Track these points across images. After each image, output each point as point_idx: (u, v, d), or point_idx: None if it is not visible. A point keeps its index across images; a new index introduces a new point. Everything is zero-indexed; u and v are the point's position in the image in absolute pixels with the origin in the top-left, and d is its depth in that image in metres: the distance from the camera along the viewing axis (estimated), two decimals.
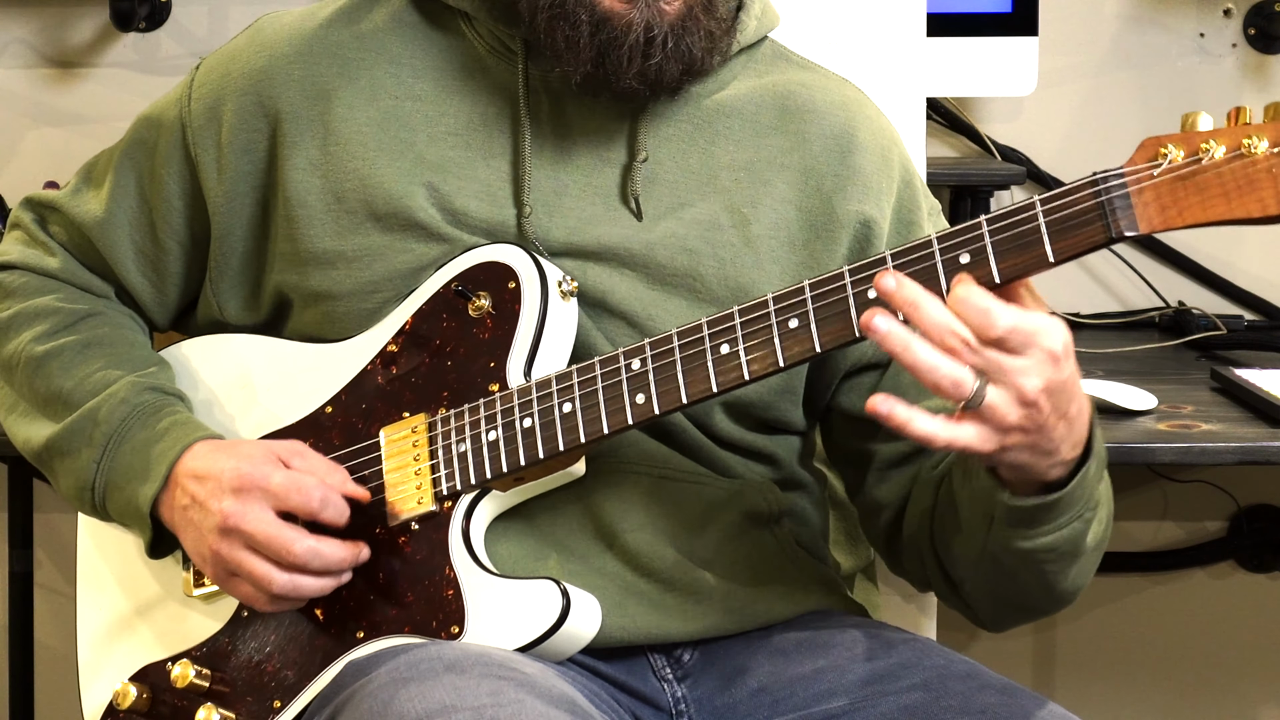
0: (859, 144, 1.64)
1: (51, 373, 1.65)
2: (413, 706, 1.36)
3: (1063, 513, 1.46)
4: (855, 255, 1.62)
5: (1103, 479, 1.50)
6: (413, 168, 1.59)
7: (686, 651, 1.59)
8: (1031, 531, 1.47)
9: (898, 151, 1.68)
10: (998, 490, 1.46)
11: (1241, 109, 1.34)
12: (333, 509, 1.52)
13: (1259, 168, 1.32)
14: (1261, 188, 1.32)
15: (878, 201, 1.64)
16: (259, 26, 1.69)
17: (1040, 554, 1.48)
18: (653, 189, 1.61)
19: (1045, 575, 1.51)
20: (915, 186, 1.69)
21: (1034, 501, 1.45)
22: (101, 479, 1.61)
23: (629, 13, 1.53)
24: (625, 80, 1.55)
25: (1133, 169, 1.36)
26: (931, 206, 1.70)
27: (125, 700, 1.61)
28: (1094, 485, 1.47)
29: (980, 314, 1.34)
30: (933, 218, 1.69)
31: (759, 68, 1.68)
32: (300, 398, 1.63)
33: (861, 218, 1.62)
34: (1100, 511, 1.51)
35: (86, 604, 1.70)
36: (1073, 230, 1.36)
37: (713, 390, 1.45)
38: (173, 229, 1.69)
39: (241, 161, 1.64)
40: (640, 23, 1.53)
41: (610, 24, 1.53)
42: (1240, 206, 1.33)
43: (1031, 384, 1.35)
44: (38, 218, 1.75)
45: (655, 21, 1.53)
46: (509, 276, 1.56)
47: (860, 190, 1.63)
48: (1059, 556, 1.50)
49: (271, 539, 1.50)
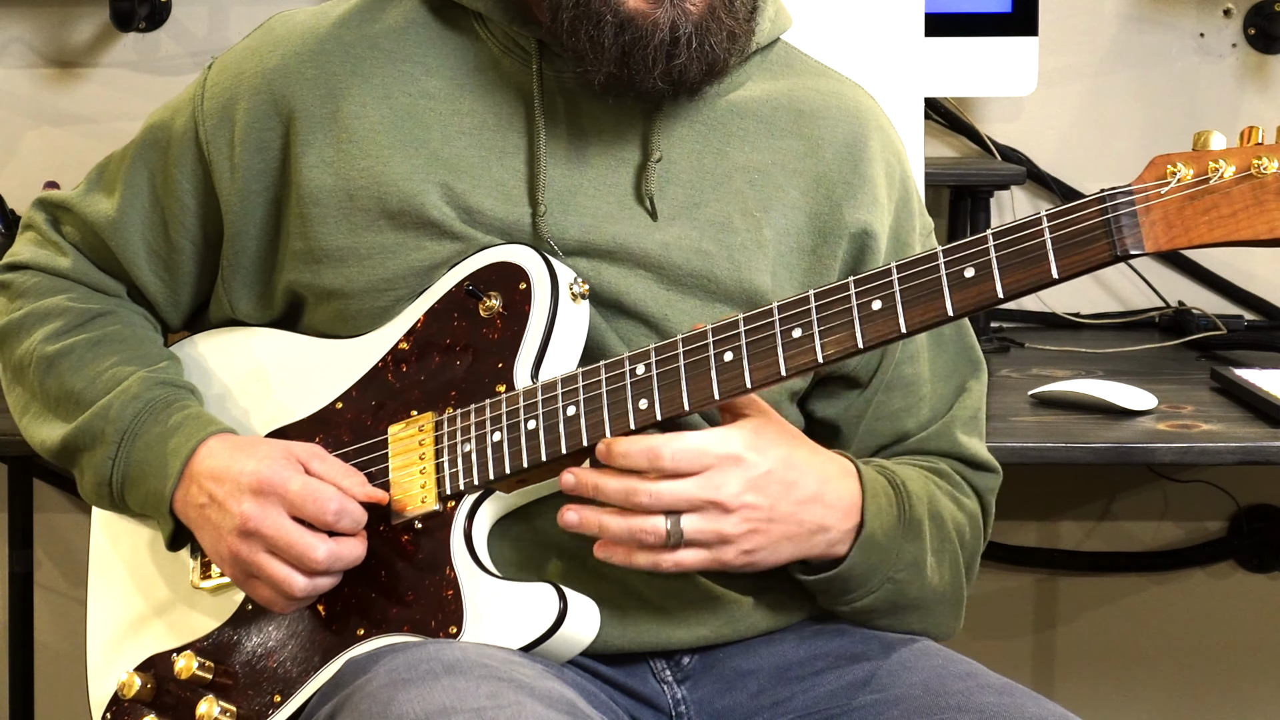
0: (870, 154, 1.65)
1: (63, 372, 1.65)
2: (411, 708, 1.36)
3: (865, 580, 1.55)
4: (851, 263, 1.63)
5: (920, 537, 1.57)
6: (427, 166, 1.60)
7: (687, 655, 1.59)
8: (843, 598, 1.57)
9: (901, 167, 1.69)
10: (789, 568, 1.54)
11: (1254, 129, 1.33)
12: (348, 519, 1.52)
13: (1269, 189, 1.31)
14: (1270, 210, 1.30)
15: (881, 215, 1.64)
16: (270, 26, 1.69)
17: (861, 614, 1.59)
18: (667, 189, 1.61)
19: (885, 628, 1.61)
20: (912, 204, 1.69)
21: (820, 577, 1.55)
22: (118, 474, 1.61)
23: (654, 12, 1.53)
24: (649, 81, 1.54)
25: (1141, 186, 1.35)
26: (925, 226, 1.70)
27: (130, 690, 1.62)
28: (897, 549, 1.55)
29: (644, 453, 1.45)
30: (924, 238, 1.69)
31: (773, 69, 1.68)
32: (312, 393, 1.63)
33: (864, 227, 1.62)
34: (933, 564, 1.59)
35: (97, 595, 1.71)
36: (1078, 247, 1.35)
37: (714, 397, 1.46)
38: (185, 228, 1.69)
39: (255, 160, 1.65)
40: (666, 22, 1.53)
41: (635, 24, 1.53)
42: (1248, 228, 1.31)
43: (728, 491, 1.45)
44: (50, 218, 1.75)
45: (680, 21, 1.53)
46: (520, 277, 1.56)
47: (869, 200, 1.63)
48: (883, 614, 1.59)
49: (293, 544, 1.51)
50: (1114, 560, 2.72)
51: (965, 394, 1.68)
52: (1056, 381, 2.19)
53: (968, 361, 1.69)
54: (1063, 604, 2.76)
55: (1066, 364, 2.39)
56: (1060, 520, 2.74)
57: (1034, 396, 2.16)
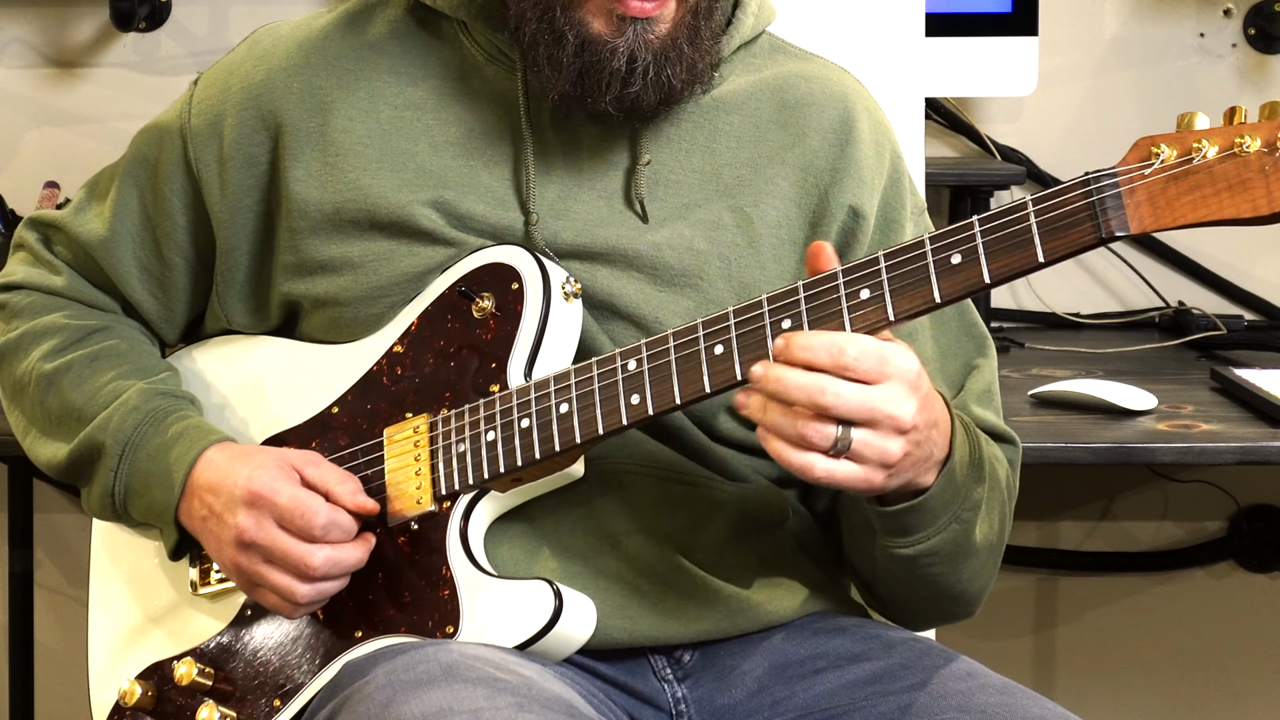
0: (857, 136, 1.65)
1: (64, 388, 1.65)
2: (409, 710, 1.36)
3: (936, 516, 1.48)
4: (841, 244, 1.62)
5: (983, 480, 1.52)
6: (415, 179, 1.60)
7: (687, 652, 1.59)
8: (908, 540, 1.49)
9: (891, 146, 1.68)
10: (866, 502, 1.48)
11: (1237, 109, 1.33)
12: (337, 531, 1.52)
13: (1251, 168, 1.30)
14: (1253, 188, 1.30)
15: (870, 194, 1.64)
16: (256, 39, 1.69)
17: (923, 559, 1.51)
18: (657, 190, 1.61)
19: (935, 580, 1.54)
20: (903, 184, 1.68)
21: (902, 506, 1.47)
22: (121, 486, 1.61)
23: (616, 40, 1.53)
24: (601, 104, 1.54)
25: (1125, 168, 1.35)
26: (916, 205, 1.70)
27: (131, 698, 1.62)
28: (968, 487, 1.50)
29: (827, 348, 1.36)
30: (915, 217, 1.69)
31: (756, 62, 1.68)
32: (308, 399, 1.63)
33: (852, 204, 1.62)
34: (985, 512, 1.53)
35: (98, 604, 1.71)
36: (1063, 230, 1.35)
37: (705, 390, 1.45)
38: (177, 244, 1.69)
39: (243, 175, 1.65)
40: (625, 50, 1.53)
41: (596, 47, 1.53)
42: (1231, 206, 1.31)
43: (907, 411, 1.38)
44: (42, 237, 1.75)
45: (639, 51, 1.53)
46: (513, 277, 1.56)
47: (855, 182, 1.63)
48: (943, 559, 1.52)
49: (288, 554, 1.51)
50: (1114, 560, 2.72)
51: (975, 371, 1.66)
52: (1056, 381, 2.19)
53: (971, 339, 1.68)
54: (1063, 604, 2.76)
55: (1066, 364, 2.39)
56: (1060, 520, 2.74)
57: (1034, 396, 2.16)
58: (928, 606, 1.62)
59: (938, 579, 1.54)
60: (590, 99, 1.54)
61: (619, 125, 1.60)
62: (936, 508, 1.48)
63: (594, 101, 1.54)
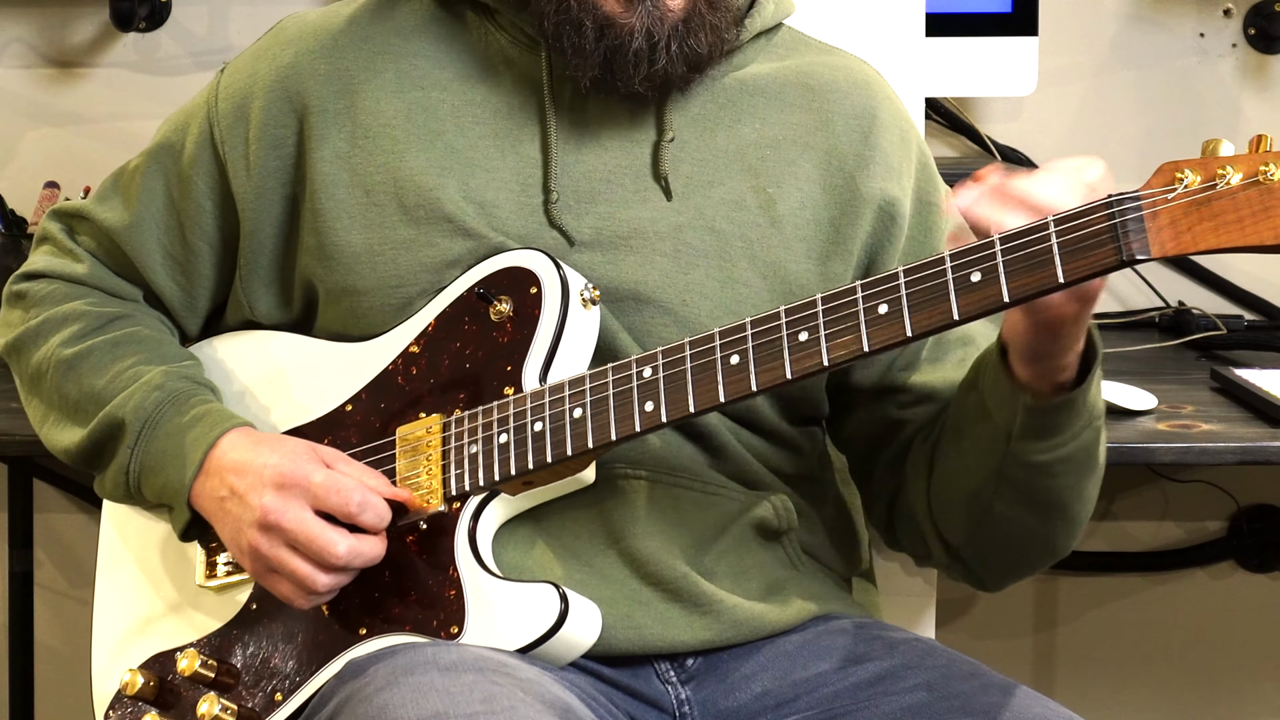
0: (880, 123, 1.66)
1: (84, 373, 1.66)
2: (406, 712, 1.36)
3: (1078, 416, 1.48)
4: (877, 233, 1.64)
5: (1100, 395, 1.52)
6: (442, 158, 1.61)
7: (691, 657, 1.59)
8: (1049, 442, 1.49)
9: (915, 134, 1.71)
10: (1019, 394, 1.47)
11: (1263, 137, 1.33)
12: (371, 513, 1.52)
13: (1274, 195, 1.31)
14: (1275, 215, 1.31)
15: (899, 181, 1.65)
16: (282, 26, 1.70)
17: (1057, 466, 1.50)
18: (680, 168, 1.62)
19: (1057, 495, 1.53)
20: (931, 169, 1.71)
21: (1056, 400, 1.47)
22: (136, 463, 1.62)
23: (629, 18, 1.54)
24: (633, 85, 1.57)
25: (1148, 192, 1.35)
26: (945, 191, 1.71)
27: (132, 688, 1.63)
28: (1098, 394, 1.50)
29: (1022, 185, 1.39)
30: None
31: (779, 51, 1.69)
32: (323, 395, 1.64)
33: (884, 196, 1.64)
34: (1101, 424, 1.53)
35: (103, 595, 1.72)
36: (1084, 251, 1.36)
37: (720, 400, 1.45)
38: (202, 230, 1.69)
39: (270, 157, 1.65)
40: (641, 29, 1.54)
41: (613, 29, 1.54)
42: (1254, 234, 1.31)
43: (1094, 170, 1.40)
44: (65, 227, 1.76)
45: (656, 27, 1.55)
46: (531, 282, 1.56)
47: (883, 169, 1.64)
48: (1075, 468, 1.51)
49: (313, 539, 1.51)
50: (1114, 560, 2.72)
51: None
52: None
53: None
54: (1063, 604, 2.76)
55: None
56: None
57: None
58: (1030, 543, 1.59)
59: (1061, 493, 1.53)
60: (621, 82, 1.56)
61: (645, 101, 1.61)
62: (1081, 407, 1.48)
63: (625, 84, 1.56)
